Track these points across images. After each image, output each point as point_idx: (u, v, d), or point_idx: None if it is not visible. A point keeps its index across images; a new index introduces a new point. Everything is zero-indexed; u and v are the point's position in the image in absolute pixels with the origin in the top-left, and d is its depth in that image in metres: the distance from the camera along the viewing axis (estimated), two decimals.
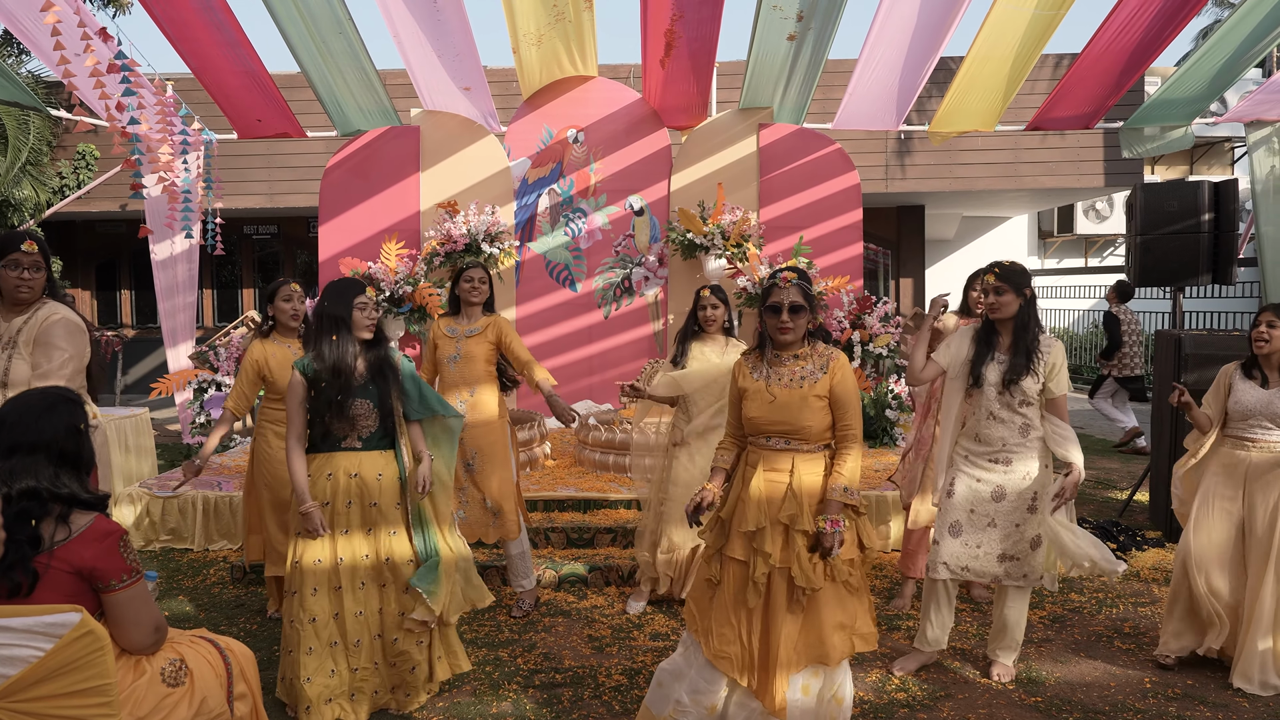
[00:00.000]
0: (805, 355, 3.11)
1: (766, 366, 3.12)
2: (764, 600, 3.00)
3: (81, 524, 2.29)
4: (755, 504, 3.01)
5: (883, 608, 4.70)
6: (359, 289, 3.55)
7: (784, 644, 2.95)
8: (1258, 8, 6.29)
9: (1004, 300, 3.72)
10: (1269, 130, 7.65)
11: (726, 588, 3.04)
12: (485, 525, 4.51)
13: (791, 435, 3.05)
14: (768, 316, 3.10)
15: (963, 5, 6.49)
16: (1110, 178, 12.45)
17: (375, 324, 3.58)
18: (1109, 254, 16.87)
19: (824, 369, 3.08)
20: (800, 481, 3.02)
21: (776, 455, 3.07)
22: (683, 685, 3.05)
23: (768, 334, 3.13)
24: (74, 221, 14.17)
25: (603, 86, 8.59)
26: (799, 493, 3.01)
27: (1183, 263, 6.26)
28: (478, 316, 4.59)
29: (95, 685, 2.13)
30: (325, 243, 8.59)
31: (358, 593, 3.49)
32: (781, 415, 3.04)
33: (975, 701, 3.68)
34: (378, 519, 3.51)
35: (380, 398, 3.51)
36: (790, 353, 3.12)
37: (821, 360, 3.09)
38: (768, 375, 3.10)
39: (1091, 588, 5.00)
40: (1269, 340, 3.84)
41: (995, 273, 3.74)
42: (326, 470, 3.49)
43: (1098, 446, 9.24)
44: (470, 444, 4.50)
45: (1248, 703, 3.66)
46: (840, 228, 8.61)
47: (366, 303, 3.55)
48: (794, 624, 2.97)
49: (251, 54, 7.05)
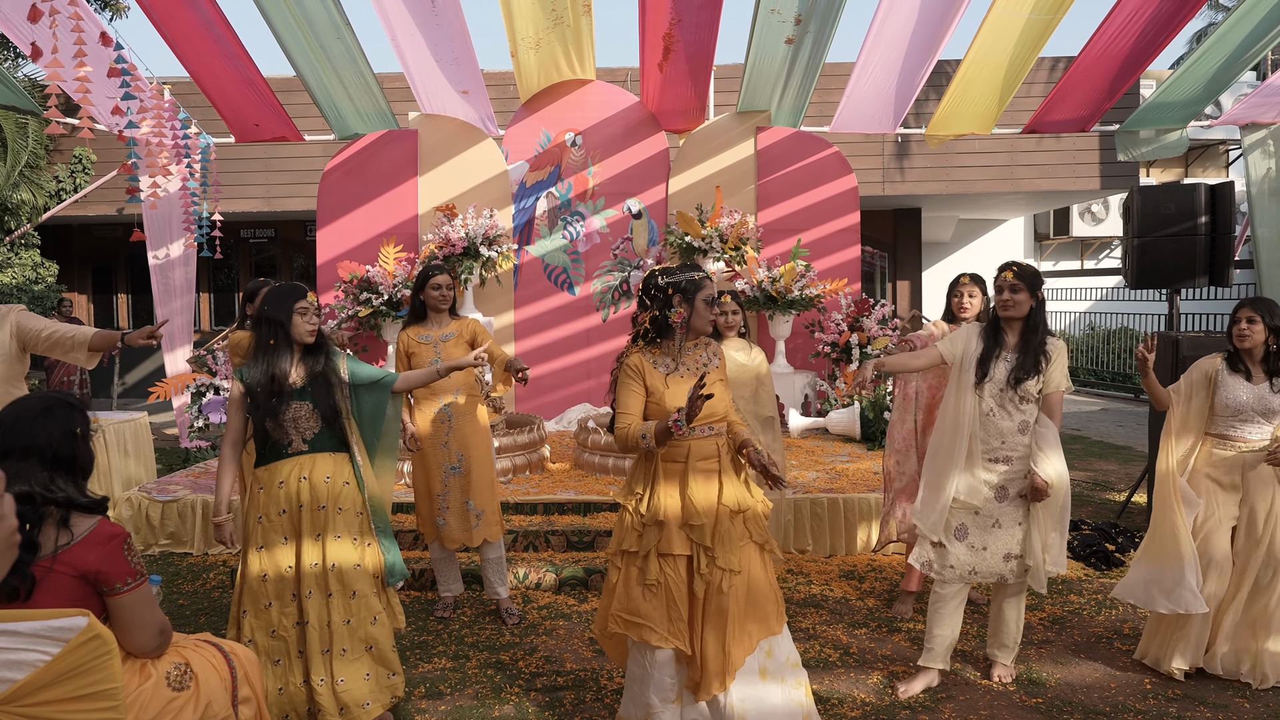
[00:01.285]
0: (699, 344, 3.21)
1: (672, 360, 3.14)
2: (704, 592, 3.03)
3: (84, 528, 2.29)
4: (698, 498, 3.03)
5: (880, 611, 4.71)
6: (300, 294, 3.46)
7: (726, 632, 2.97)
8: (1253, 12, 6.33)
9: (1019, 299, 3.72)
10: (1264, 133, 7.69)
11: (672, 585, 3.03)
12: (468, 529, 4.47)
13: (715, 420, 3.11)
14: (704, 308, 3.13)
15: (960, 9, 6.52)
16: (1106, 180, 12.49)
17: (316, 329, 3.49)
18: (1104, 256, 16.91)
19: (716, 354, 3.21)
20: (726, 465, 3.11)
21: (703, 443, 3.10)
22: (649, 689, 3.06)
23: (692, 325, 3.13)
24: (71, 225, 14.15)
25: (601, 90, 8.61)
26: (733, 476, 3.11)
27: (1179, 265, 6.28)
28: (447, 321, 4.55)
29: (102, 689, 2.13)
30: (323, 246, 8.59)
31: (306, 602, 3.34)
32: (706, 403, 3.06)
33: (977, 703, 3.69)
34: (326, 524, 3.37)
35: (318, 399, 3.41)
36: (691, 342, 3.19)
37: (709, 347, 3.21)
38: (678, 367, 3.13)
39: (1091, 589, 5.01)
40: (1249, 335, 3.86)
41: (1014, 270, 3.74)
42: (278, 479, 3.38)
43: (1095, 449, 9.26)
44: (457, 446, 4.47)
45: (1248, 703, 3.67)
46: (838, 230, 8.63)
47: (307, 307, 3.45)
48: (738, 606, 3.01)
49: (248, 62, 7.06)
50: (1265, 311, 3.86)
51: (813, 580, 5.17)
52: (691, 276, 3.13)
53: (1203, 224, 6.25)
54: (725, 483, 3.08)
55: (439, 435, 4.48)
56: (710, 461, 3.10)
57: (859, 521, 5.62)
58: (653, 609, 3.03)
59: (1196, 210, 6.25)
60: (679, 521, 3.04)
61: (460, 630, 4.48)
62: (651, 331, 3.13)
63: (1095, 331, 14.96)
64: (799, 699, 3.07)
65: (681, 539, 3.04)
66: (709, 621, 2.99)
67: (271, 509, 3.37)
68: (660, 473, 3.10)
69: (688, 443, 3.09)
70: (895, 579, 5.17)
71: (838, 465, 6.64)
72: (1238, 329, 3.90)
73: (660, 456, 3.11)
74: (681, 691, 3.08)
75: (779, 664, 3.08)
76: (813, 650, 4.19)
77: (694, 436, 3.09)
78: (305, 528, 3.35)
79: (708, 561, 3.01)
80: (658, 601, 3.03)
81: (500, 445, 6.35)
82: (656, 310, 3.12)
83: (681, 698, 3.08)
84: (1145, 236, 6.37)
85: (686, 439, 3.09)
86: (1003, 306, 3.77)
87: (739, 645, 3.00)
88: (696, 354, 3.18)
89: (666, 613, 3.02)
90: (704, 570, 3.01)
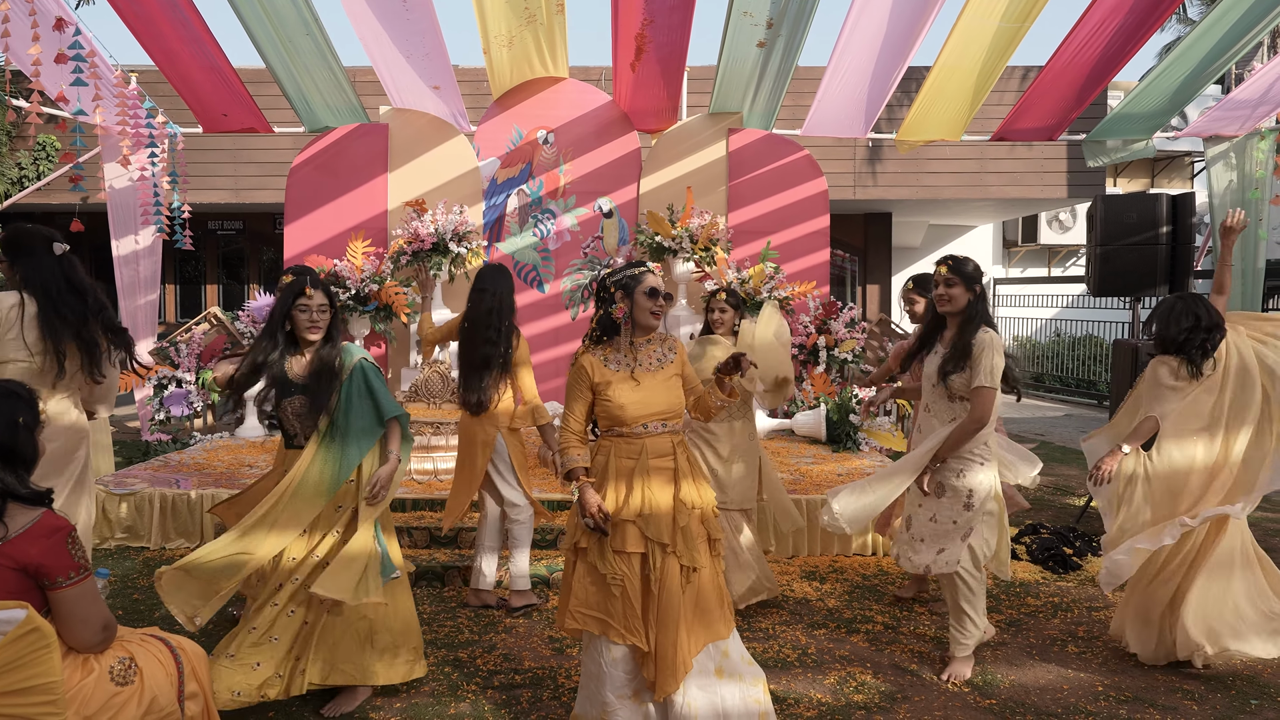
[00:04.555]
0: (654, 340, 3.22)
1: (625, 356, 3.14)
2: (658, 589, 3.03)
3: (25, 520, 2.25)
4: (656, 495, 3.05)
5: (839, 612, 4.73)
6: (298, 290, 3.50)
7: (680, 629, 2.98)
8: (1217, 25, 6.43)
9: (954, 293, 3.76)
10: (1226, 146, 7.81)
11: (627, 582, 3.03)
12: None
13: (668, 417, 3.13)
14: (645, 300, 3.13)
15: (930, 16, 6.57)
16: (1073, 189, 12.66)
17: (319, 324, 3.52)
18: (1071, 264, 17.13)
19: (673, 349, 3.22)
20: (682, 463, 3.13)
21: (657, 440, 3.11)
22: (605, 686, 3.06)
23: (635, 319, 3.14)
24: (33, 214, 13.92)
25: (573, 88, 8.59)
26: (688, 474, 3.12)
27: (1141, 274, 6.38)
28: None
29: (40, 683, 2.10)
30: (291, 240, 8.52)
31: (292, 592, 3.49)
32: (655, 398, 3.10)
33: (932, 704, 3.71)
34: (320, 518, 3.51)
35: (315, 396, 3.48)
36: (644, 338, 3.19)
37: (665, 343, 3.23)
38: (631, 364, 3.13)
39: (1048, 592, 5.07)
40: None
41: (948, 265, 3.78)
42: (284, 467, 3.55)
43: (1058, 454, 9.37)
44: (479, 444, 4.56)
45: (1196, 705, 3.73)
46: (808, 233, 8.67)
47: (307, 304, 3.49)
48: (689, 605, 3.02)
49: (216, 50, 6.97)
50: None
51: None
52: (631, 272, 3.16)
53: (1164, 234, 6.36)
54: (681, 481, 3.09)
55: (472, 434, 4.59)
56: (665, 459, 3.11)
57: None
58: (612, 605, 3.03)
59: (1158, 220, 6.35)
60: (633, 518, 3.04)
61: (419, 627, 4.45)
62: (598, 330, 3.16)
63: (1061, 338, 15.14)
64: (756, 697, 3.08)
65: (636, 536, 3.04)
66: (663, 619, 3.00)
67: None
68: (613, 469, 3.11)
69: (643, 440, 3.09)
70: (856, 580, 5.21)
71: (802, 466, 6.67)
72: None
73: (613, 452, 3.12)
74: (640, 689, 3.08)
75: (734, 663, 3.09)
76: (771, 650, 4.20)
77: (648, 434, 3.10)
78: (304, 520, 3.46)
79: (663, 558, 3.02)
80: (616, 598, 3.03)
81: None
82: (602, 309, 3.15)
83: (640, 695, 3.08)
84: (1108, 245, 6.46)
85: (640, 436, 3.09)
86: (939, 301, 3.81)
87: (693, 643, 3.01)
88: (651, 349, 3.20)
89: (623, 609, 3.02)
90: (657, 567, 3.02)
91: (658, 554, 3.03)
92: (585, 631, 3.12)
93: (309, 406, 3.50)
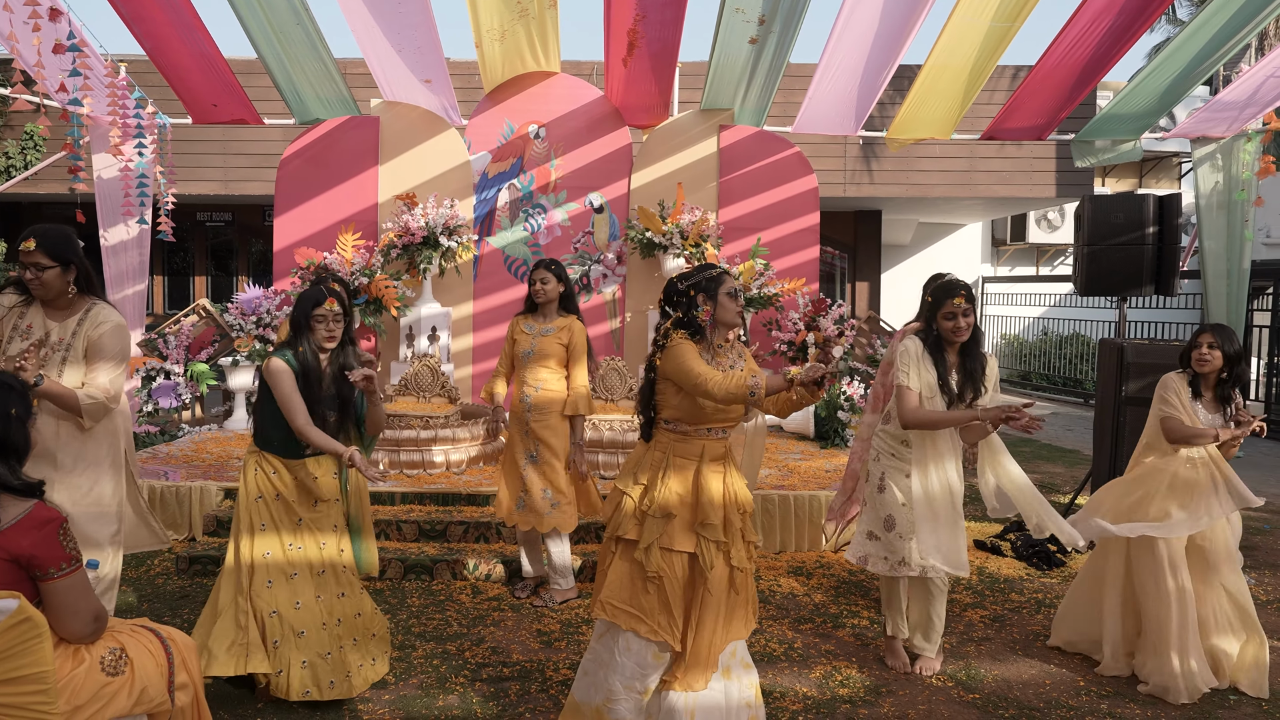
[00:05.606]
0: (728, 345, 3.23)
1: (709, 358, 3.15)
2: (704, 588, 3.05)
3: (17, 511, 2.25)
4: (714, 496, 3.07)
5: (826, 607, 4.77)
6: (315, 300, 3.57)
7: (717, 628, 3.03)
8: (1205, 26, 6.47)
9: (970, 320, 3.87)
10: (1213, 147, 7.85)
11: (669, 580, 3.05)
12: (540, 514, 4.59)
13: (729, 425, 3.16)
14: (729, 301, 3.15)
15: (921, 14, 6.59)
16: (1062, 188, 12.72)
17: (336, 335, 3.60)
18: (1059, 263, 17.21)
19: (741, 356, 3.26)
20: (730, 467, 3.18)
21: (715, 444, 3.14)
22: (614, 674, 3.07)
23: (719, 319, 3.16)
24: (21, 203, 13.84)
25: (565, 83, 8.59)
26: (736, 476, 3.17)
27: (1127, 274, 6.42)
28: (554, 316, 4.73)
29: (32, 673, 2.11)
30: (281, 232, 8.50)
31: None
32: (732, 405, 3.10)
33: (915, 698, 3.76)
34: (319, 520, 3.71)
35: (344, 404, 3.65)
36: (720, 340, 3.20)
37: (734, 349, 3.25)
38: (714, 366, 3.13)
39: (1031, 588, 5.12)
40: (1209, 360, 3.98)
41: (964, 295, 3.84)
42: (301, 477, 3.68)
43: (1044, 452, 9.44)
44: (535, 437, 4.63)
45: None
46: (798, 230, 8.70)
47: (325, 315, 3.56)
48: (729, 607, 3.06)
49: (207, 39, 6.94)
50: (1226, 340, 3.97)
51: (761, 576, 5.23)
52: (711, 274, 3.18)
53: (1150, 234, 6.39)
54: (729, 483, 3.13)
55: (520, 424, 4.68)
56: (719, 463, 3.14)
57: (809, 519, 5.68)
58: (647, 601, 3.04)
59: (1145, 220, 6.39)
60: (688, 517, 3.06)
61: (408, 620, 4.47)
62: (688, 331, 3.14)
63: (1048, 337, 15.23)
64: (749, 698, 3.12)
65: (686, 535, 3.05)
66: (703, 618, 3.01)
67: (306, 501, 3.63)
68: (671, 466, 3.11)
69: (702, 442, 3.12)
70: (843, 576, 5.25)
71: (790, 463, 6.70)
72: (1198, 353, 4.00)
73: (672, 451, 3.13)
74: (648, 684, 3.09)
75: (738, 663, 3.14)
76: (758, 645, 4.24)
77: (709, 437, 3.12)
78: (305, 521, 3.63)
79: (721, 558, 3.04)
80: (654, 595, 3.04)
81: (457, 436, 6.33)
82: (683, 314, 3.13)
83: (648, 690, 3.09)
84: (1095, 245, 6.50)
85: (703, 438, 3.13)
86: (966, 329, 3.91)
87: (724, 641, 3.05)
88: (724, 355, 3.20)
89: (660, 606, 3.03)
90: (711, 566, 3.03)
91: (711, 552, 3.03)
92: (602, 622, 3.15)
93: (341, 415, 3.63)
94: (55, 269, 3.45)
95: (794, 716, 3.57)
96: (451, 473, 6.24)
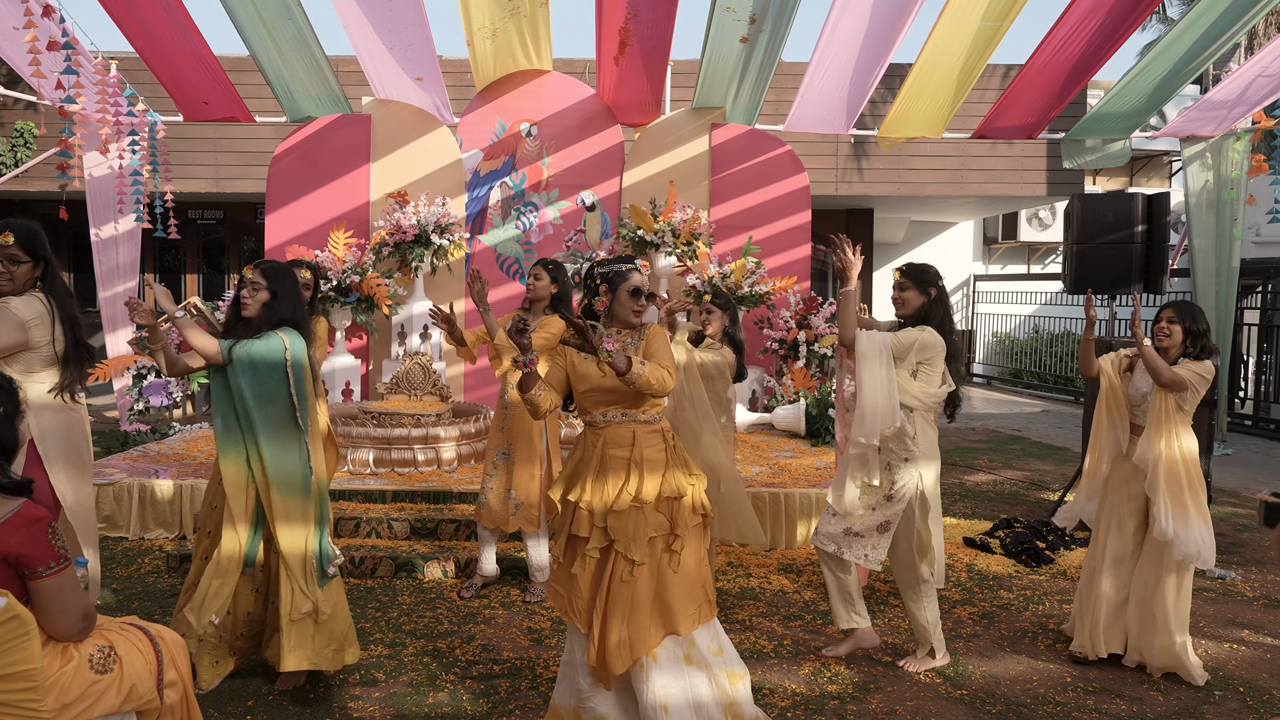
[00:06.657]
0: (623, 335, 3.23)
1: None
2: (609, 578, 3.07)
3: (5, 510, 2.25)
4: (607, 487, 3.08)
5: (815, 604, 4.79)
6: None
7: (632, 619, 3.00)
8: (1195, 25, 6.50)
9: (906, 296, 3.98)
10: (1203, 146, 7.90)
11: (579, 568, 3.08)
12: (506, 514, 4.61)
13: (628, 406, 3.11)
14: (627, 299, 3.17)
15: (911, 13, 6.61)
16: (1053, 187, 12.76)
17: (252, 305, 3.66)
18: (1050, 261, 17.26)
19: (640, 337, 3.20)
20: (643, 454, 3.09)
21: (616, 430, 3.11)
22: (579, 672, 3.10)
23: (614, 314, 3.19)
24: (11, 201, 13.79)
25: (557, 81, 8.60)
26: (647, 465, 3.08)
27: (1116, 272, 6.45)
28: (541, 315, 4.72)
29: (21, 670, 2.11)
30: (272, 231, 8.49)
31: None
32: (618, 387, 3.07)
33: (904, 694, 3.78)
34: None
35: None
36: (614, 329, 3.22)
37: (636, 332, 3.22)
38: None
39: (1020, 585, 5.15)
40: (1170, 335, 4.04)
41: (901, 270, 4.01)
42: None
43: (1034, 449, 9.47)
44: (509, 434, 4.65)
45: (1161, 696, 3.81)
46: (789, 228, 8.72)
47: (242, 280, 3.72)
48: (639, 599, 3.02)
49: (198, 36, 6.93)
50: (1186, 315, 4.02)
51: (751, 573, 5.24)
52: (619, 267, 3.19)
53: (1139, 232, 6.42)
54: (634, 473, 3.07)
55: (499, 419, 4.72)
56: (623, 449, 3.09)
57: (800, 516, 5.70)
58: (565, 586, 3.11)
59: (1134, 219, 6.42)
60: (586, 506, 3.08)
61: (398, 617, 4.48)
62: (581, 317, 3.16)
63: (1039, 335, 15.28)
64: (725, 688, 3.10)
65: (587, 522, 3.08)
66: (611, 609, 3.02)
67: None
68: (578, 457, 3.17)
69: (602, 431, 3.12)
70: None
71: (781, 460, 6.72)
72: (1158, 327, 4.08)
73: (584, 443, 3.17)
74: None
75: (701, 652, 3.10)
76: (748, 642, 4.25)
77: (607, 424, 3.12)
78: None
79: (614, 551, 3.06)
80: (573, 581, 3.10)
81: (448, 434, 6.34)
82: (588, 298, 3.21)
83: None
84: (1084, 243, 6.53)
85: (601, 427, 3.12)
86: (894, 304, 4.05)
87: (642, 637, 3.00)
88: (619, 339, 3.21)
89: (572, 593, 3.10)
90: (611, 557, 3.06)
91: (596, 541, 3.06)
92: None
93: None
94: (28, 264, 3.48)
95: (783, 713, 3.59)
96: (443, 470, 6.25)
